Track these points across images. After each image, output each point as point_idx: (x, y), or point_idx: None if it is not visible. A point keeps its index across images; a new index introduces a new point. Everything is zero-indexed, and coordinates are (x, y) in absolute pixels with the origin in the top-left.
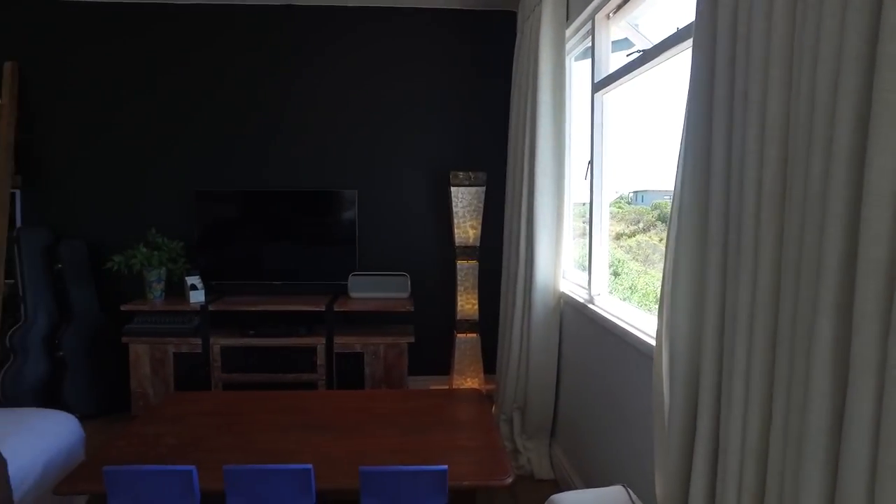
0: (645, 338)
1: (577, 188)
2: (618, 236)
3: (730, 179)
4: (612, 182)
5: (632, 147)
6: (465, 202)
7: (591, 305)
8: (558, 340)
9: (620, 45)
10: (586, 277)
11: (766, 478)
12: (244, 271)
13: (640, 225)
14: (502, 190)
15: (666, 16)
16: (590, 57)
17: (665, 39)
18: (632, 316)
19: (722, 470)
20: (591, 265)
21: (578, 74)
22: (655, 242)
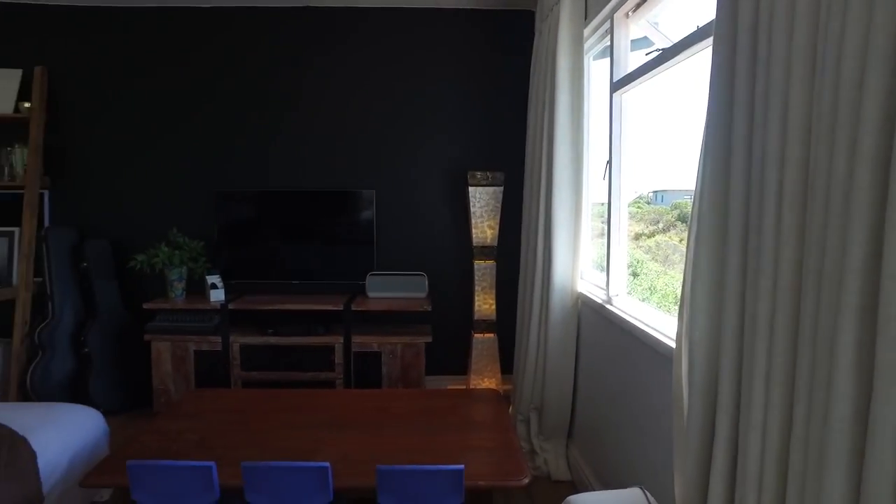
0: (663, 339)
1: (596, 188)
2: (637, 236)
3: (751, 180)
4: (631, 182)
5: (651, 146)
6: (482, 202)
7: (609, 306)
8: (576, 341)
9: (639, 43)
10: (604, 278)
11: (787, 483)
12: (263, 271)
13: (660, 225)
14: (520, 190)
15: (686, 14)
16: (608, 56)
17: (685, 38)
18: (650, 317)
19: (741, 474)
20: (609, 266)
21: (597, 73)
22: (675, 243)
